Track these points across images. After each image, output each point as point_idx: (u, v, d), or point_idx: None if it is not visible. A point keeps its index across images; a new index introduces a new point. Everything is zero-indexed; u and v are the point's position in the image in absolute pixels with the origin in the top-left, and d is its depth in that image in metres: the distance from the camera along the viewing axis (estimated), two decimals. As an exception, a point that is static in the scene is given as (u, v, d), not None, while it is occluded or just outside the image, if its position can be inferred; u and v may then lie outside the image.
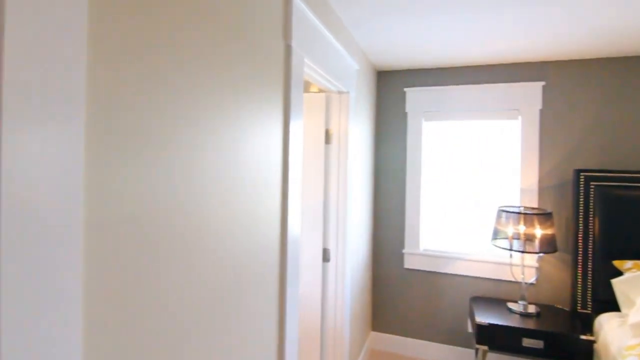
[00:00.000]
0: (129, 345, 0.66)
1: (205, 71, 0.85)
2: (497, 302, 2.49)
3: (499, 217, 2.35)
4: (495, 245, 2.35)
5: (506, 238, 2.29)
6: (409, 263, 2.80)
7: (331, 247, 2.20)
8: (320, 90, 2.29)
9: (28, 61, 0.50)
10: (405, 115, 2.83)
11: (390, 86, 2.86)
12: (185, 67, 0.78)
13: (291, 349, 1.31)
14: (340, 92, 2.14)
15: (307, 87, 2.41)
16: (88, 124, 0.58)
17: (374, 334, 2.88)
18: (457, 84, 2.69)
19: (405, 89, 2.81)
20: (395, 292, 2.84)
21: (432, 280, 2.75)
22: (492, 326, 2.19)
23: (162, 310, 0.73)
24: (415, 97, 2.80)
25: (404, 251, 2.80)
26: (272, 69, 1.19)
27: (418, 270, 2.79)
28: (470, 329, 2.65)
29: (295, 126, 1.33)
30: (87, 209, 0.58)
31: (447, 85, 2.71)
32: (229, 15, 0.94)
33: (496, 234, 2.35)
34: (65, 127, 0.54)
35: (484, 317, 2.27)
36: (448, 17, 1.87)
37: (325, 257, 2.22)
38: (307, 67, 1.57)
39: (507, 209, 2.39)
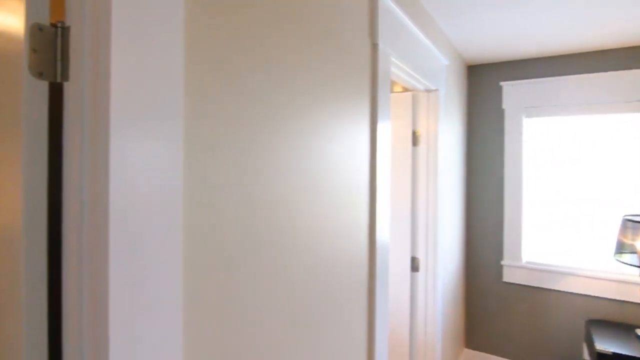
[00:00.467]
0: (222, 350, 0.64)
1: (291, 75, 0.82)
2: (622, 328, 2.11)
3: (624, 227, 1.99)
4: (619, 261, 1.99)
5: (634, 252, 1.93)
6: (509, 276, 2.52)
7: (420, 255, 2.06)
8: (405, 90, 2.17)
9: (131, 74, 0.50)
10: (501, 112, 2.57)
11: (484, 81, 2.62)
12: (272, 73, 0.76)
13: (380, 366, 1.23)
14: (428, 91, 2.00)
15: (391, 86, 2.31)
16: (185, 134, 0.58)
17: (467, 351, 2.64)
18: (565, 74, 2.36)
19: (502, 83, 2.54)
20: (492, 307, 2.58)
21: (536, 296, 2.44)
22: (616, 356, 1.85)
23: (251, 315, 0.71)
24: (514, 91, 2.52)
25: (502, 263, 2.53)
26: (358, 69, 1.13)
27: (519, 285, 2.49)
28: (587, 357, 2.28)
29: (382, 128, 1.25)
30: (184, 216, 0.57)
31: (552, 76, 2.40)
32: (315, 16, 0.90)
33: (620, 248, 1.99)
34: (164, 137, 0.54)
35: (606, 345, 1.93)
36: (557, -2, 1.64)
37: (414, 267, 2.09)
38: (394, 66, 1.48)
39: (635, 218, 2.01)
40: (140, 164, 0.52)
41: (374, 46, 1.24)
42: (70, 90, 0.54)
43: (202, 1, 0.62)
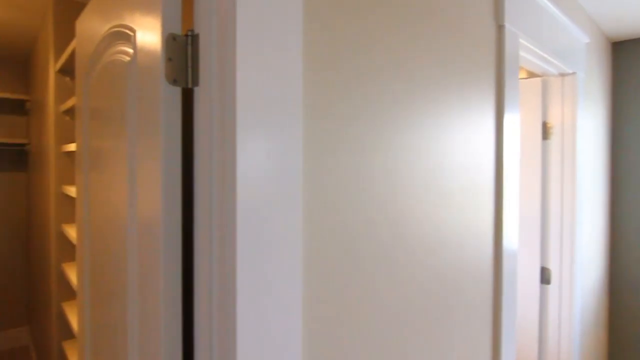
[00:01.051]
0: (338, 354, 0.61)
1: (408, 66, 0.75)
2: None
3: None
4: None
5: None
6: (673, 297, 2.04)
7: (552, 266, 1.79)
8: (533, 75, 1.90)
9: (255, 77, 0.50)
10: (662, 95, 2.09)
11: (635, 60, 2.16)
12: (389, 67, 0.71)
13: (508, 390, 1.08)
14: (562, 75, 1.72)
15: (515, 75, 2.05)
16: (304, 133, 0.56)
17: (613, 383, 2.22)
18: None
19: (663, 60, 2.07)
20: (649, 333, 2.12)
21: None
22: None
23: (367, 321, 0.67)
24: (680, 68, 2.03)
25: (663, 280, 2.06)
26: (481, 55, 1.01)
27: (690, 309, 2.00)
28: None
29: (510, 120, 1.10)
30: (303, 212, 0.56)
31: None
32: (435, 2, 0.82)
33: None
34: (285, 136, 0.53)
35: None
36: None
37: (544, 279, 1.82)
38: (523, 49, 1.30)
39: None
40: (263, 162, 0.51)
41: (500, 28, 1.09)
42: (200, 95, 0.56)
43: (319, 3, 0.59)
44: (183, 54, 0.59)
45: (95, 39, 0.93)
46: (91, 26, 0.97)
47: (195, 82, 0.57)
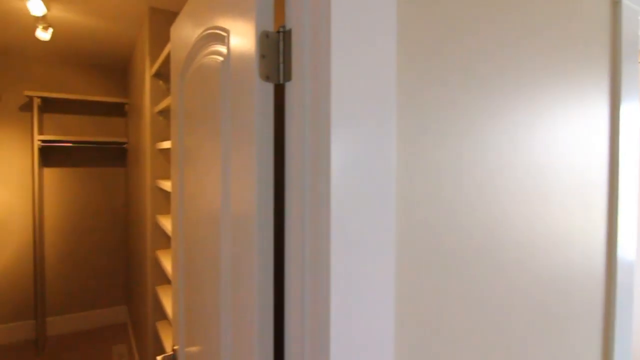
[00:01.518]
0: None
1: (504, 52, 0.68)
2: None
3: None
4: None
5: None
6: None
7: (671, 279, 1.54)
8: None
9: (349, 71, 0.48)
10: None
11: None
12: (480, 54, 0.64)
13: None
14: (690, 56, 1.46)
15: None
16: (397, 128, 0.53)
17: None
18: None
19: None
20: None
21: None
22: None
23: (462, 326, 0.62)
24: None
25: None
26: (592, 37, 0.88)
27: None
28: None
29: (628, 110, 0.95)
30: (396, 212, 0.53)
31: None
32: (540, -26, 0.73)
33: None
34: (379, 127, 0.51)
35: None
36: None
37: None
38: (641, 27, 1.12)
39: None
40: (357, 155, 0.49)
41: (615, 4, 0.95)
42: (292, 89, 0.56)
43: (415, -21, 0.56)
44: (275, 51, 0.59)
45: (188, 42, 0.99)
46: (185, 31, 1.03)
47: (287, 77, 0.57)
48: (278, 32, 0.59)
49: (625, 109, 0.95)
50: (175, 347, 1.10)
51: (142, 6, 2.01)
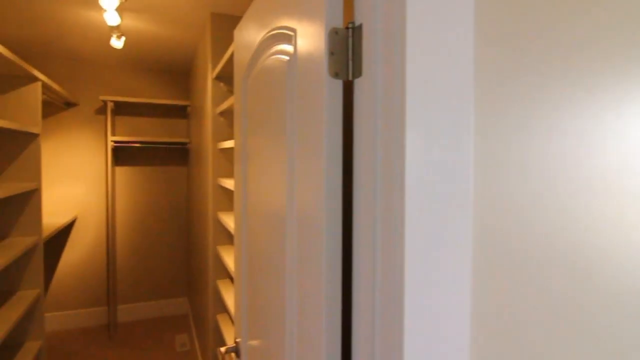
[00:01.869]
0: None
1: (592, 42, 0.62)
2: None
3: None
4: None
5: None
6: None
7: None
8: None
9: (425, 66, 0.47)
10: None
11: None
12: (565, 42, 0.59)
13: None
14: None
15: None
16: (475, 124, 0.51)
17: None
18: None
19: None
20: None
21: None
22: None
23: (542, 337, 0.58)
24: None
25: None
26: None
27: None
28: None
29: None
30: (474, 213, 0.51)
31: None
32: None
33: None
34: (456, 125, 0.49)
35: None
36: None
37: None
38: None
39: None
40: (433, 154, 0.48)
41: None
42: (362, 86, 0.55)
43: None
44: (344, 47, 0.58)
45: (252, 44, 1.01)
46: (248, 33, 1.06)
47: (357, 73, 0.57)
48: (347, 28, 0.59)
49: None
50: (237, 340, 1.14)
51: (204, 12, 2.11)
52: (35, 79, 2.08)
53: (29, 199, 2.12)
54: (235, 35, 1.25)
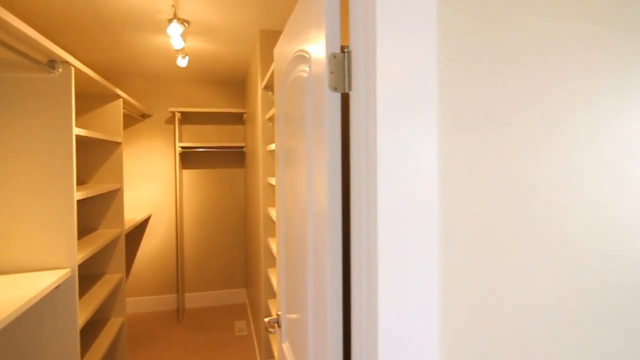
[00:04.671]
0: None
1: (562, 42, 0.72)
2: None
3: None
4: None
5: None
6: None
7: None
8: None
9: (393, 82, 0.62)
10: None
11: None
12: (530, 62, 0.70)
13: None
14: None
15: None
16: (439, 131, 0.64)
17: None
18: None
19: None
20: None
21: None
22: None
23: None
24: None
25: None
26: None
27: None
28: None
29: None
30: (439, 206, 0.64)
31: None
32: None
33: None
34: (421, 133, 0.63)
35: None
36: None
37: None
38: None
39: None
40: (401, 157, 0.62)
41: None
42: (353, 98, 0.71)
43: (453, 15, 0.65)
44: (341, 67, 0.74)
45: (286, 61, 1.20)
46: (283, 52, 1.25)
47: (350, 88, 0.72)
48: (343, 52, 0.75)
49: None
50: (278, 313, 1.34)
51: (253, 30, 2.36)
52: (117, 97, 2.47)
53: (114, 198, 2.51)
54: (275, 52, 1.45)
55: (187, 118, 3.81)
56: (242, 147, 3.79)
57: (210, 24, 2.24)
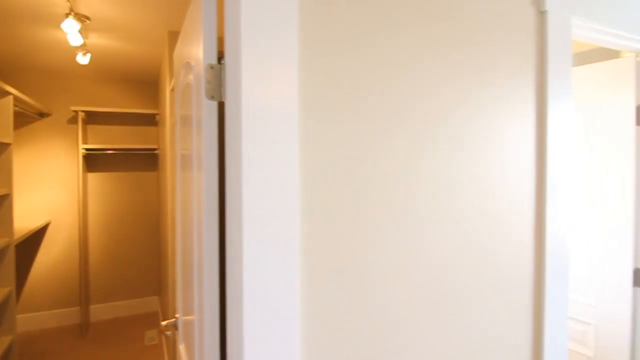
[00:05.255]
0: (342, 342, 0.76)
1: (424, 59, 0.85)
2: None
3: None
4: None
5: None
6: None
7: (645, 268, 1.60)
8: (620, 54, 1.71)
9: (255, 93, 0.68)
10: None
11: None
12: (385, 74, 0.81)
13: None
14: (656, 53, 1.53)
15: (610, 54, 1.87)
16: (299, 137, 0.72)
17: None
18: None
19: None
20: None
21: None
22: None
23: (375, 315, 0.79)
24: None
25: None
26: (516, 45, 1.02)
27: None
28: None
29: (557, 115, 1.07)
30: (300, 200, 0.72)
31: None
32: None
33: None
34: (282, 140, 0.70)
35: None
36: None
37: (637, 281, 1.64)
38: (580, 29, 1.23)
39: None
40: (263, 162, 0.69)
41: (541, 14, 1.08)
42: (227, 107, 0.76)
43: (312, 41, 0.74)
44: (217, 77, 0.80)
45: (180, 67, 1.22)
46: (179, 58, 1.27)
47: (224, 97, 0.78)
48: (220, 63, 0.80)
49: (554, 113, 1.06)
50: (176, 316, 1.34)
51: (162, 31, 2.31)
52: (6, 93, 2.25)
53: (1, 204, 2.27)
54: (174, 57, 1.45)
55: (93, 118, 3.56)
56: (154, 150, 3.64)
57: (115, 21, 2.15)
